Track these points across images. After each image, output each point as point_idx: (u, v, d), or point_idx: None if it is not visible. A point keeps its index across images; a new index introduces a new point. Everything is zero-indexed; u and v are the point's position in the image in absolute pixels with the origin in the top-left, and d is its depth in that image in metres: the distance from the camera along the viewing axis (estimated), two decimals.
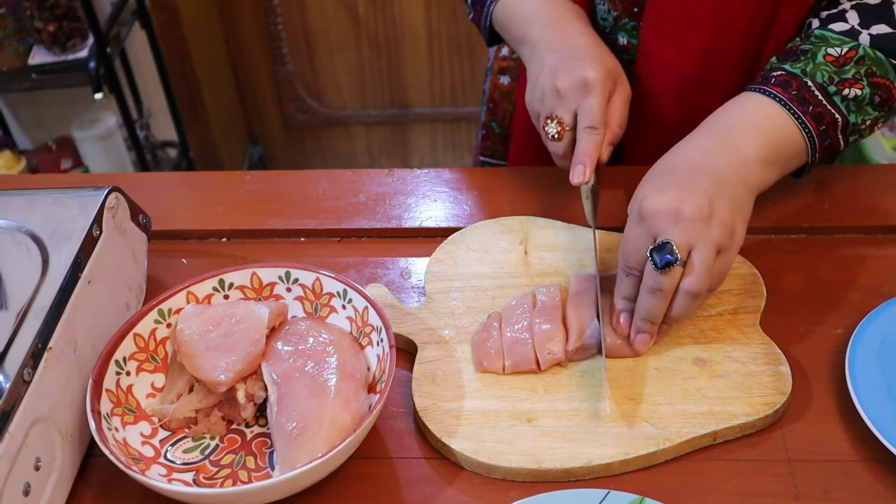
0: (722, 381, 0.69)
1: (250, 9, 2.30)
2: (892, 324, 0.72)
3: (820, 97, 0.75)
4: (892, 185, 0.90)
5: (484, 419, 0.68)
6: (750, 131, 0.73)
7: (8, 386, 0.58)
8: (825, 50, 0.76)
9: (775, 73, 0.77)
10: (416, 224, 0.89)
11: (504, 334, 0.72)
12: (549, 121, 0.79)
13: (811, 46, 0.77)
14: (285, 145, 2.61)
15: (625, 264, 0.70)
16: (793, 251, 0.83)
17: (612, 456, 0.65)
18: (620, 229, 0.83)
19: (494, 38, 0.94)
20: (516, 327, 0.72)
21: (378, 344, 0.70)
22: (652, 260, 0.66)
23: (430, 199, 0.92)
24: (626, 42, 0.91)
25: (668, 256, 0.65)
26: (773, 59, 0.80)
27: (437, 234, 0.86)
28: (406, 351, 0.75)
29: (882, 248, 0.84)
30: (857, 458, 0.66)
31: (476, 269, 0.81)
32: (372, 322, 0.71)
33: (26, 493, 0.59)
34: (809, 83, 0.75)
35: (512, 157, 1.08)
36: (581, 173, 0.76)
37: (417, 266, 0.84)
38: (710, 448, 0.67)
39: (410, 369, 0.73)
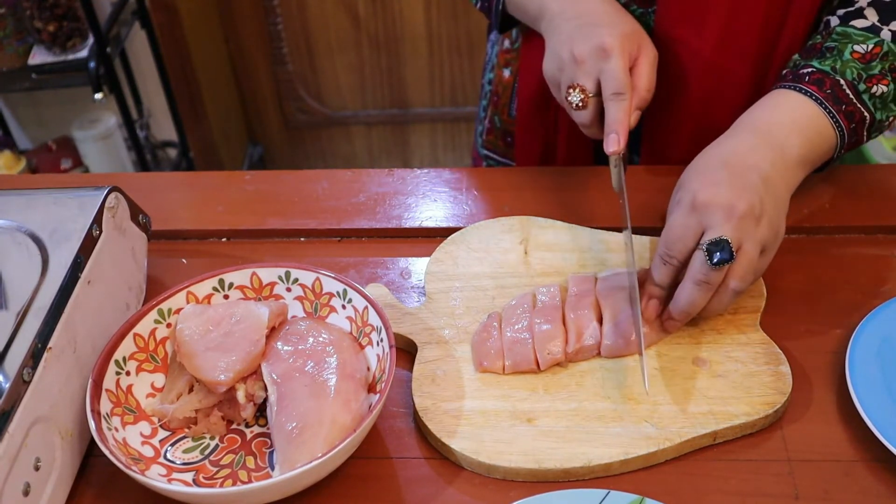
0: (722, 381, 0.69)
1: (250, 9, 2.31)
2: (892, 324, 0.72)
3: (851, 95, 0.75)
4: (892, 185, 0.90)
5: (484, 419, 0.68)
6: (792, 132, 0.73)
7: (8, 386, 0.58)
8: (851, 47, 0.77)
9: (806, 70, 0.76)
10: (416, 224, 0.89)
11: (504, 334, 0.72)
12: (570, 90, 0.77)
13: (836, 43, 0.77)
14: (285, 145, 2.61)
15: (666, 252, 0.70)
16: (793, 251, 0.83)
17: (612, 456, 0.65)
18: (619, 229, 0.84)
19: (506, 23, 0.94)
20: (516, 327, 0.72)
21: (378, 344, 0.70)
22: (708, 255, 0.66)
23: (430, 199, 0.92)
24: None
25: (725, 255, 0.66)
26: (796, 57, 0.79)
27: (437, 234, 0.86)
28: (406, 351, 0.75)
29: (882, 248, 0.84)
30: (857, 458, 0.65)
31: (476, 269, 0.81)
32: (372, 322, 0.71)
33: (26, 493, 0.59)
34: (842, 81, 0.75)
35: (518, 149, 1.06)
36: (615, 142, 0.75)
37: (417, 266, 0.84)
38: (710, 448, 0.67)
39: (410, 369, 0.72)
